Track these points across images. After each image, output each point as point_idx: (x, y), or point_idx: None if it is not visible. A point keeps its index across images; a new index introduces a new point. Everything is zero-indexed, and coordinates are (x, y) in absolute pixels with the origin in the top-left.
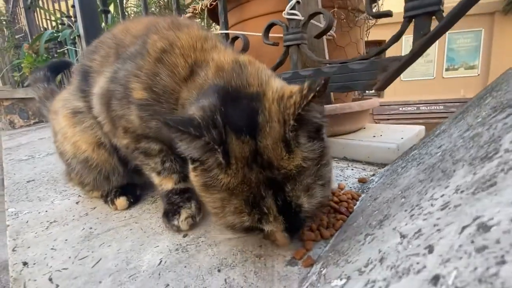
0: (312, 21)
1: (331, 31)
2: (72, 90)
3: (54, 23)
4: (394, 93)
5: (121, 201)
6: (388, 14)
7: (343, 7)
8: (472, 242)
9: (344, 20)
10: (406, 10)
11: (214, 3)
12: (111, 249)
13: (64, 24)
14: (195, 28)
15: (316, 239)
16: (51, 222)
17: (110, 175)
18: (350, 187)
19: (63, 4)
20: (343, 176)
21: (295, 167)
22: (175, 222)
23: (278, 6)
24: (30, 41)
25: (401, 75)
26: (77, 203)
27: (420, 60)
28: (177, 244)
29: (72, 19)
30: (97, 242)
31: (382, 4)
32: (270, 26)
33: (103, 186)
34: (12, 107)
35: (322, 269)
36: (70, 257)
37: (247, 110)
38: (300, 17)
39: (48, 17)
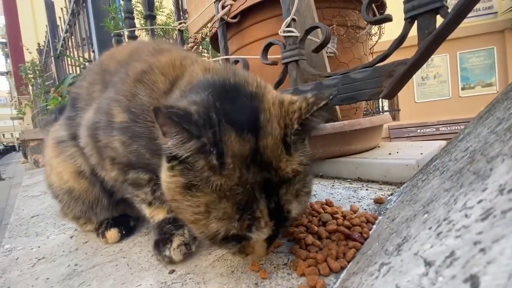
0: (310, 37)
1: (332, 48)
2: (61, 120)
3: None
4: (409, 115)
5: (112, 233)
6: (387, 18)
7: (342, 24)
8: None
9: (344, 35)
10: (406, 11)
11: (215, 31)
12: None
13: (85, 68)
14: (176, 51)
15: (324, 273)
16: (39, 259)
17: (94, 205)
18: (365, 209)
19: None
20: (357, 198)
21: (292, 170)
22: (167, 252)
23: (276, 29)
24: None
25: (415, 97)
26: (71, 237)
27: (433, 81)
28: (162, 282)
29: (93, 63)
30: (77, 281)
31: (384, 27)
32: (268, 46)
33: (92, 218)
34: (38, 147)
35: None
36: None
37: (248, 107)
38: (296, 34)
39: (73, 63)
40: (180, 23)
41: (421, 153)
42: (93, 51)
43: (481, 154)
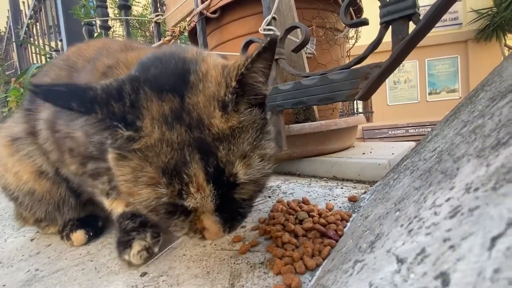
0: (290, 37)
1: (311, 49)
2: (15, 115)
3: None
4: (382, 117)
5: (78, 235)
6: (364, 22)
7: (321, 26)
8: None
9: (323, 37)
10: (381, 16)
11: (193, 25)
12: None
13: (52, 58)
14: (147, 48)
15: (300, 271)
16: None
17: (60, 206)
18: (340, 207)
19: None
20: (332, 196)
21: (229, 128)
22: (126, 257)
23: (256, 26)
24: None
25: (387, 100)
26: (31, 240)
27: (403, 85)
28: (132, 286)
29: (60, 53)
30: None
31: (360, 31)
32: (247, 44)
33: (58, 219)
34: None
35: None
36: None
37: (177, 71)
38: (276, 32)
39: (38, 52)
40: (157, 15)
41: (393, 153)
42: (61, 40)
43: (448, 154)
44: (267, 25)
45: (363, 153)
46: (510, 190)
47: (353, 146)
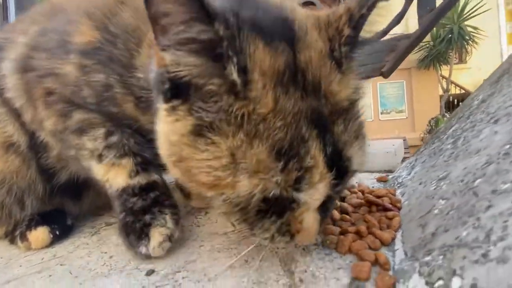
0: None
1: None
2: None
3: None
4: None
5: (39, 233)
6: None
7: None
8: None
9: None
10: None
11: None
12: None
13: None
14: None
15: (374, 247)
16: None
17: (25, 195)
18: (373, 187)
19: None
20: (356, 178)
21: (347, 98)
22: (143, 250)
23: None
24: None
25: None
26: None
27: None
28: None
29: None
30: None
31: None
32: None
33: (11, 215)
34: None
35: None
36: None
37: (276, 15)
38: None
39: None
40: None
41: (393, 144)
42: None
43: None
44: None
45: None
46: None
47: None
